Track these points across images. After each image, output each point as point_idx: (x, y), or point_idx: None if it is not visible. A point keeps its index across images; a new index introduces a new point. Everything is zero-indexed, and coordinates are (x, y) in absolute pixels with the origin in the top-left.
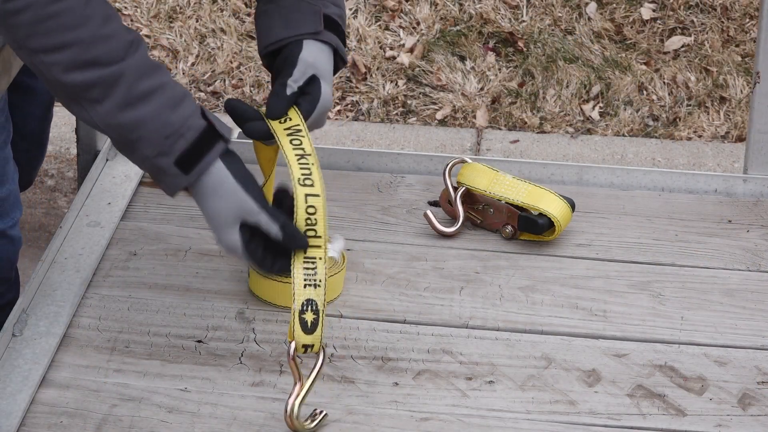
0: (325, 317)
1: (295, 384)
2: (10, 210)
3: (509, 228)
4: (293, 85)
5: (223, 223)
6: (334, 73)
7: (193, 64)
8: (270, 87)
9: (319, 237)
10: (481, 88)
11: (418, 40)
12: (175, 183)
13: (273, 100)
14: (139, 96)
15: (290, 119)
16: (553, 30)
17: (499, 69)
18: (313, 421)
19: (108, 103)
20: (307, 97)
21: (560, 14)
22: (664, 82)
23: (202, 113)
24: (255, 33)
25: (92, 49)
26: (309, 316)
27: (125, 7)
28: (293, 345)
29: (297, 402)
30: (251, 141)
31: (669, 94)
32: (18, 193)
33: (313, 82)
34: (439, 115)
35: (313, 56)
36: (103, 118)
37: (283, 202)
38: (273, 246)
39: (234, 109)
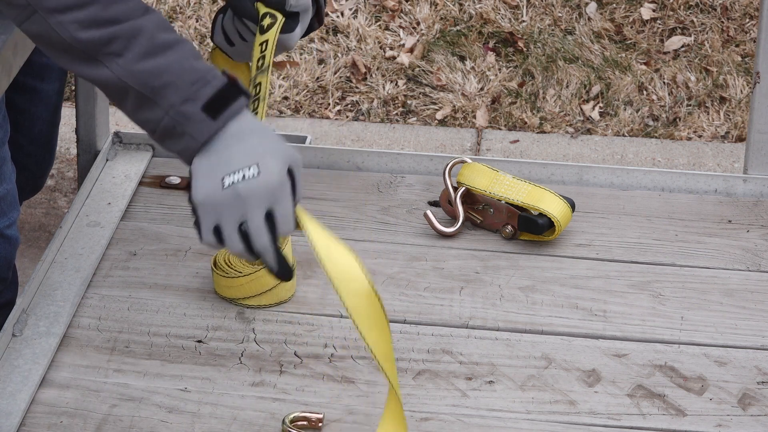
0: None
1: None
2: (7, 210)
3: (509, 228)
4: None
5: (273, 154)
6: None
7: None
8: None
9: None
10: (481, 88)
11: (418, 40)
12: (200, 130)
13: None
14: (161, 45)
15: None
16: (553, 30)
17: (499, 69)
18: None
19: (129, 54)
20: None
21: (560, 14)
22: (664, 82)
23: (224, 71)
24: None
25: (112, 7)
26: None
27: None
28: None
29: None
30: None
31: (669, 94)
32: (15, 193)
33: None
34: (439, 115)
35: None
36: (126, 68)
37: None
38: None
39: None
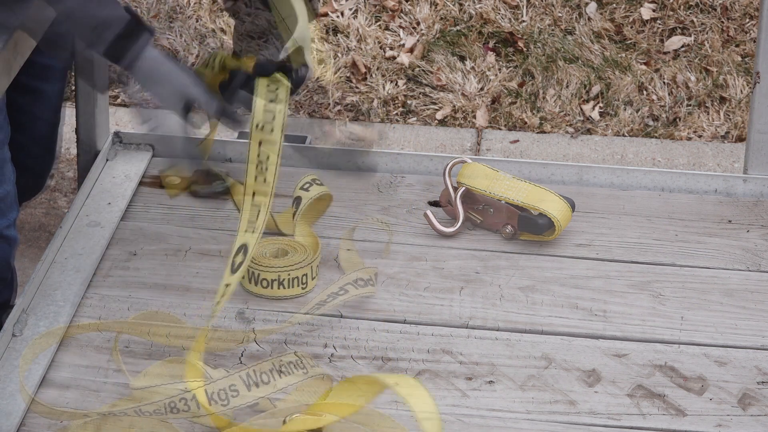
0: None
1: None
2: (7, 211)
3: (509, 228)
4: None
5: (167, 104)
6: None
7: (193, 64)
8: None
9: (267, 184)
10: (481, 88)
11: (418, 40)
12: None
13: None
14: None
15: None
16: (553, 30)
17: (499, 69)
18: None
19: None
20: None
21: (560, 14)
22: (664, 82)
23: (127, 8)
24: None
25: None
26: (238, 259)
27: None
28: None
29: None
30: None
31: (669, 94)
32: (15, 194)
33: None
34: (439, 115)
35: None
36: (36, 15)
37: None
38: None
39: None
